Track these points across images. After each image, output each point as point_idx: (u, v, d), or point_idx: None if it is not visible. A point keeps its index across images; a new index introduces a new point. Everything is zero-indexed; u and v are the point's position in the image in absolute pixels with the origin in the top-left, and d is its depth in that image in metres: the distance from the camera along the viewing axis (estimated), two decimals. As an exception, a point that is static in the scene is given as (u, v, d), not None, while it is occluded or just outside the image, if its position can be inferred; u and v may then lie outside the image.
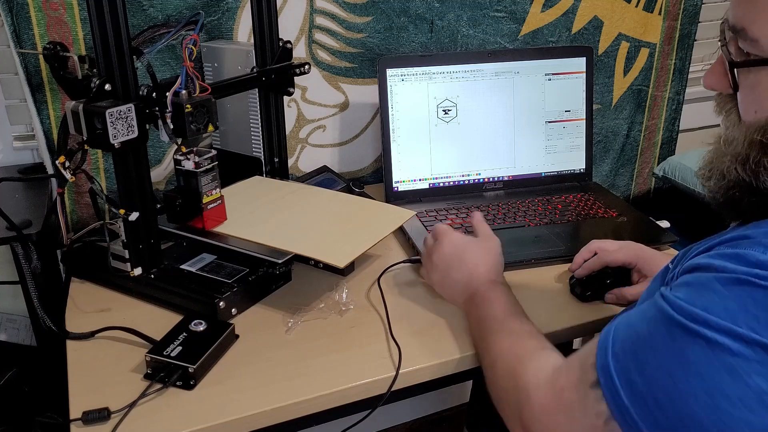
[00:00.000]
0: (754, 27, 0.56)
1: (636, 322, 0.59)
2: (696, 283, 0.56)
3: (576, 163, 1.33)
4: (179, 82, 0.84)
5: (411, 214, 1.00)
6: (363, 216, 0.99)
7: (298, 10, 1.21)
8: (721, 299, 0.52)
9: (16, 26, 1.01)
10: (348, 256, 0.86)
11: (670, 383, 0.53)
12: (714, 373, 0.51)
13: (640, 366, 0.55)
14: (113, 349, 0.82)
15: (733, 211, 0.63)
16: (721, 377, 0.51)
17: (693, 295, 0.55)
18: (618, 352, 0.58)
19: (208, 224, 0.93)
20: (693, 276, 0.57)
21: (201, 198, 0.91)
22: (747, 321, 0.51)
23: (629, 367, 0.56)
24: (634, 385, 0.55)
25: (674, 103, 1.62)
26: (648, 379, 0.54)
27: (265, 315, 0.90)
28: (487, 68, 1.25)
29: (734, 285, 0.53)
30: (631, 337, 0.58)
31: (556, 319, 0.90)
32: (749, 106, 0.60)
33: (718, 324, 0.51)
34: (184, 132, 0.85)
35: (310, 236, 0.92)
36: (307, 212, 0.99)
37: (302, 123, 1.30)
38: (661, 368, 0.54)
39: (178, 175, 0.92)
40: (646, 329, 0.57)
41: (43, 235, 0.95)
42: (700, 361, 0.52)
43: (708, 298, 0.53)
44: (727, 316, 0.51)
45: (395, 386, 0.79)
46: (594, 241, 0.99)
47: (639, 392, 0.55)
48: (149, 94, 0.84)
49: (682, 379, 0.52)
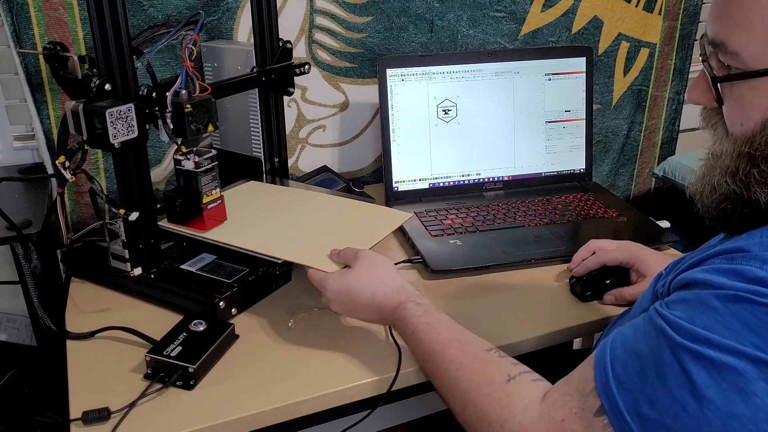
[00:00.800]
0: (733, 40, 0.56)
1: (633, 341, 0.57)
2: (694, 301, 0.55)
3: (576, 163, 1.33)
4: (179, 81, 0.84)
5: (408, 216, 1.00)
6: (358, 219, 0.99)
7: (298, 10, 1.21)
8: (721, 317, 0.52)
9: (16, 26, 1.01)
10: (338, 263, 0.86)
11: (683, 414, 0.52)
12: (724, 397, 0.50)
13: (648, 396, 0.54)
14: (113, 349, 0.82)
15: (726, 224, 0.62)
16: (730, 399, 0.50)
17: (692, 314, 0.54)
18: (620, 376, 0.56)
19: (208, 224, 0.93)
20: (690, 293, 0.56)
21: (201, 198, 0.91)
22: (751, 339, 0.50)
23: (637, 398, 0.54)
24: (646, 419, 0.54)
25: (674, 103, 1.62)
26: (660, 412, 0.53)
27: (265, 315, 0.90)
28: (487, 68, 1.25)
29: (734, 302, 0.52)
30: (633, 360, 0.56)
31: (556, 319, 0.90)
32: (735, 119, 0.59)
33: (722, 343, 0.51)
34: (184, 132, 0.85)
35: (301, 242, 0.91)
36: (301, 218, 0.99)
37: (302, 123, 1.30)
38: (672, 399, 0.52)
39: (178, 175, 0.92)
40: (647, 351, 0.55)
41: (43, 235, 0.95)
42: (708, 386, 0.51)
43: (708, 316, 0.53)
44: (729, 335, 0.51)
45: (395, 386, 0.79)
46: (593, 241, 0.99)
47: (646, 418, 0.53)
48: (149, 94, 0.84)
49: (692, 403, 0.51)
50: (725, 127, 0.61)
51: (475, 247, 1.07)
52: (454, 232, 1.11)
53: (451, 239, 1.09)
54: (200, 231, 0.92)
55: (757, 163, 0.57)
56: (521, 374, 0.66)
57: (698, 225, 0.69)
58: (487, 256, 1.03)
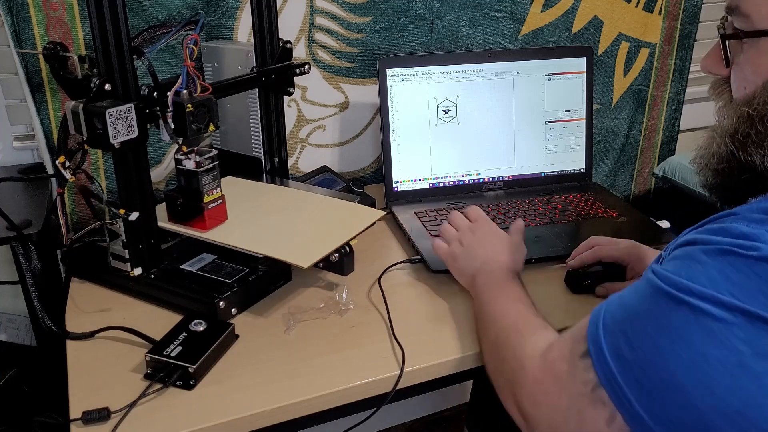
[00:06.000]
0: (746, 3, 0.61)
1: (627, 295, 0.61)
2: (682, 256, 0.58)
3: (576, 163, 1.33)
4: (180, 81, 0.84)
5: (380, 214, 1.00)
6: (332, 216, 0.99)
7: (298, 10, 1.21)
8: (704, 269, 0.55)
9: (16, 26, 1.01)
10: (312, 258, 0.86)
11: (654, 349, 0.55)
12: (697, 339, 0.53)
13: (627, 335, 0.57)
14: (113, 349, 0.82)
15: (728, 193, 0.66)
16: (703, 342, 0.53)
17: (679, 267, 0.57)
18: (608, 323, 0.60)
19: (209, 223, 0.93)
20: (681, 250, 0.59)
21: (202, 197, 0.91)
22: (729, 288, 0.53)
23: (617, 337, 0.58)
24: (621, 352, 0.57)
25: (674, 103, 1.62)
26: (634, 346, 0.56)
27: (265, 315, 0.90)
28: (487, 68, 1.25)
29: (717, 255, 0.55)
30: (621, 310, 0.60)
31: (555, 318, 0.89)
32: (740, 83, 0.64)
33: (702, 292, 0.53)
34: (185, 131, 0.85)
35: (277, 238, 0.92)
36: (277, 213, 0.99)
37: (302, 123, 1.30)
38: (647, 336, 0.56)
39: (179, 175, 0.92)
40: (635, 301, 0.59)
41: (43, 235, 0.95)
42: (683, 327, 0.54)
43: (693, 269, 0.55)
44: (710, 284, 0.53)
45: (398, 385, 0.79)
46: (593, 237, 1.01)
47: (625, 359, 0.57)
48: (150, 93, 0.84)
49: (667, 344, 0.54)
50: (730, 94, 0.65)
51: (475, 247, 1.06)
52: (454, 232, 1.11)
53: (451, 239, 1.09)
54: (201, 230, 0.92)
55: (754, 123, 0.60)
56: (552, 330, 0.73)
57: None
58: (487, 256, 1.03)
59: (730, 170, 0.64)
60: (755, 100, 0.60)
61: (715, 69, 0.67)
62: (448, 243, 0.95)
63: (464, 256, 0.92)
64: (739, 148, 0.61)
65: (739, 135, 0.61)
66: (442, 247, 0.95)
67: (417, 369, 0.80)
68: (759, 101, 0.60)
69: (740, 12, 0.61)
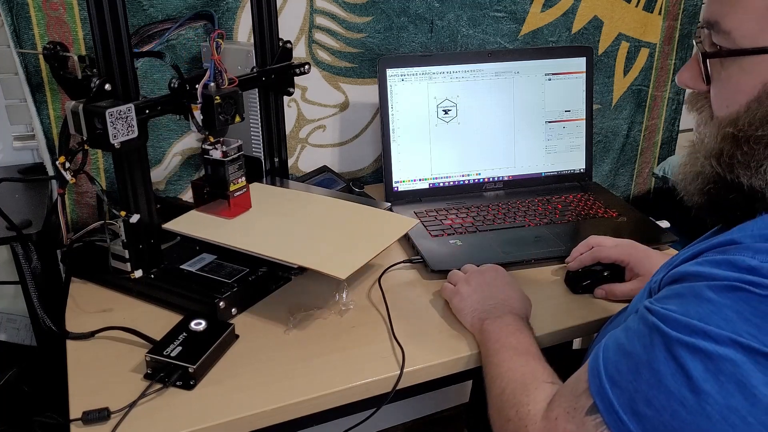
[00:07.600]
0: (727, 20, 0.57)
1: (626, 341, 0.57)
2: (687, 294, 0.54)
3: (576, 163, 1.33)
4: (208, 74, 0.87)
5: (414, 222, 0.99)
6: (365, 225, 0.98)
7: (298, 10, 1.21)
8: (716, 308, 0.51)
9: (16, 26, 1.01)
10: (349, 268, 0.85)
11: (682, 409, 0.51)
12: (722, 390, 0.50)
13: (644, 394, 0.53)
14: (113, 349, 0.82)
15: (716, 213, 0.63)
16: (729, 392, 0.49)
17: (686, 307, 0.53)
18: (614, 376, 0.56)
19: (234, 211, 0.96)
20: (683, 286, 0.55)
21: (228, 186, 0.94)
22: (747, 329, 0.50)
23: (633, 397, 0.54)
24: (643, 416, 0.53)
25: (674, 103, 1.62)
26: (657, 409, 0.52)
27: (265, 315, 0.90)
28: (487, 68, 1.25)
29: (728, 292, 0.51)
30: (626, 359, 0.56)
31: (555, 319, 0.90)
32: (722, 101, 0.60)
33: (719, 335, 0.50)
34: (214, 123, 0.88)
35: (310, 247, 0.91)
36: (307, 221, 0.98)
37: (302, 123, 1.30)
38: (669, 395, 0.52)
39: (205, 165, 0.95)
40: (640, 349, 0.55)
41: (43, 235, 0.95)
42: (705, 379, 0.50)
43: (703, 308, 0.52)
44: (726, 325, 0.50)
45: (398, 386, 0.79)
46: (592, 237, 1.00)
47: (649, 421, 0.53)
48: (181, 87, 0.86)
49: (694, 402, 0.50)
50: (711, 111, 0.62)
51: (475, 247, 1.07)
52: (454, 232, 1.11)
53: (451, 239, 1.09)
54: (227, 218, 0.95)
55: (740, 144, 0.57)
56: (544, 382, 0.68)
57: (698, 225, 0.69)
58: (487, 256, 1.03)
59: (717, 190, 0.61)
60: (740, 121, 0.57)
61: (693, 84, 0.63)
62: (454, 284, 0.92)
63: (472, 296, 0.87)
64: (726, 169, 0.58)
65: (724, 156, 0.58)
66: (449, 287, 0.92)
67: (417, 369, 0.80)
68: (743, 122, 0.57)
69: (720, 29, 0.57)
